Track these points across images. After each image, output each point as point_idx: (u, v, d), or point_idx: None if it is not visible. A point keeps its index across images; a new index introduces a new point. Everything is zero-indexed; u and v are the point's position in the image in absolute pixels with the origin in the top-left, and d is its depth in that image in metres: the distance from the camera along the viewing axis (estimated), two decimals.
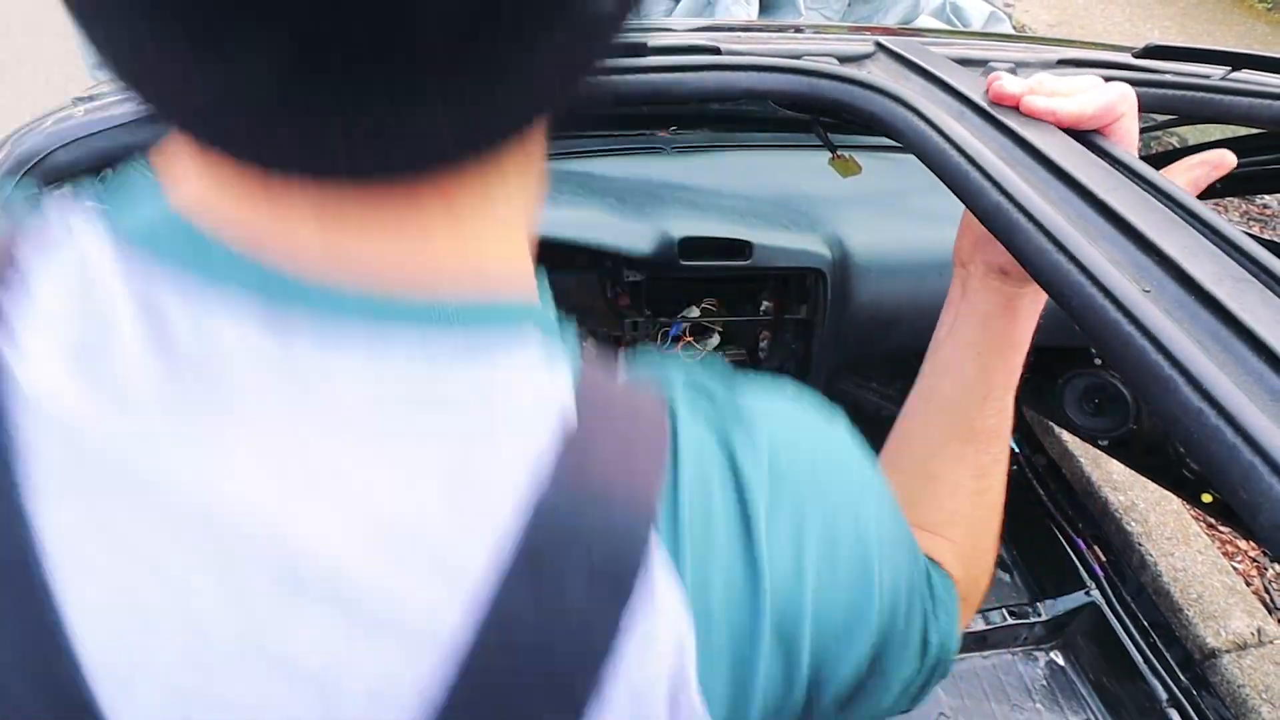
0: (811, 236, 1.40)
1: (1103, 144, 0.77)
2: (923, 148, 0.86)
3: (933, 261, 1.44)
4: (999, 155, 0.77)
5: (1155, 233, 0.63)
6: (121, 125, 0.92)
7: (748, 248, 1.33)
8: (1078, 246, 0.64)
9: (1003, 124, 0.82)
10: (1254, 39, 5.87)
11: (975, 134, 0.82)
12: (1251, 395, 0.50)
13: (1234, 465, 0.48)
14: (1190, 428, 0.51)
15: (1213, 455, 0.50)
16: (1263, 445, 0.47)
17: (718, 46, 1.05)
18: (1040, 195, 0.71)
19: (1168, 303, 0.57)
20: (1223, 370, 0.51)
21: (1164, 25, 6.01)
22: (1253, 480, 0.47)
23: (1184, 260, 0.59)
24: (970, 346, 0.74)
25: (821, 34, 1.40)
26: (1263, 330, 0.52)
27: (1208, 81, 1.09)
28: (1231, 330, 0.54)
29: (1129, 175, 0.72)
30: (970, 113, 0.87)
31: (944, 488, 0.71)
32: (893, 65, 1.04)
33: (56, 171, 0.96)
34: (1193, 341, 0.54)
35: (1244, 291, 0.56)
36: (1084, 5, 6.25)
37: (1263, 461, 0.47)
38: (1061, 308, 0.65)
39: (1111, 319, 0.59)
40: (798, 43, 1.25)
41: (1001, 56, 1.05)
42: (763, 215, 1.39)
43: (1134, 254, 0.63)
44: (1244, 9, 6.30)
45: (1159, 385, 0.54)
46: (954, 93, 0.91)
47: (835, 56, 1.06)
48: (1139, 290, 0.59)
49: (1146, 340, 0.56)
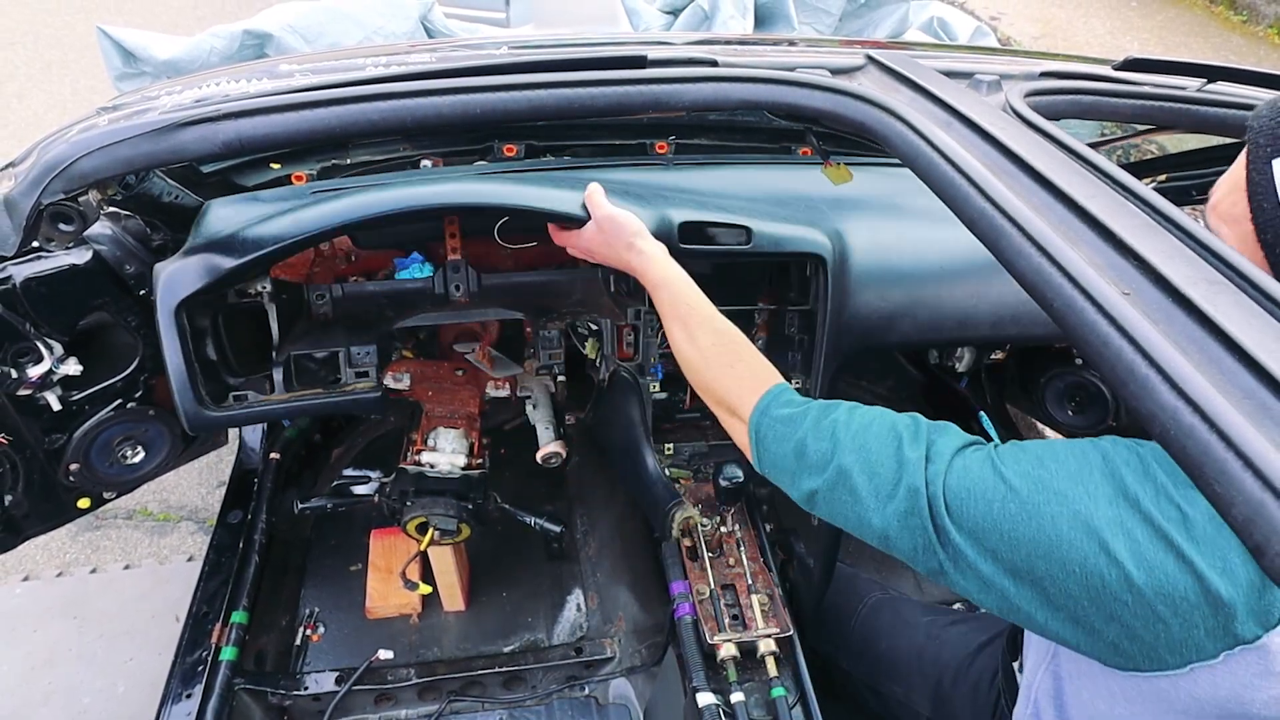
0: (810, 229, 1.37)
1: (1085, 153, 0.77)
2: (911, 156, 0.86)
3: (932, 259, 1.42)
4: (984, 164, 0.77)
5: (1134, 238, 0.63)
6: (144, 134, 0.92)
7: (747, 233, 1.32)
8: (1059, 250, 0.64)
9: (988, 134, 0.82)
10: (1230, 51, 5.87)
11: (962, 143, 0.82)
12: (1226, 394, 0.50)
13: (1208, 461, 0.48)
14: (1167, 425, 0.51)
15: (1188, 452, 0.50)
16: (1236, 442, 0.47)
17: (715, 59, 1.05)
18: (1024, 202, 0.71)
19: (1146, 305, 0.58)
20: (1198, 370, 0.51)
21: (1143, 38, 6.00)
22: (1227, 475, 0.47)
23: (1162, 264, 0.59)
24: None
25: (814, 47, 1.40)
26: (1237, 332, 0.52)
27: (1185, 92, 1.09)
28: (1207, 331, 0.54)
29: (1109, 183, 0.72)
30: (957, 123, 0.87)
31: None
32: (883, 77, 1.05)
33: (81, 178, 0.97)
34: (1170, 342, 0.54)
35: (1219, 294, 0.56)
36: (1066, 19, 6.25)
37: (1236, 457, 0.47)
38: (1043, 309, 0.65)
39: (1091, 320, 0.59)
40: (791, 55, 1.25)
41: (987, 69, 1.05)
42: (762, 211, 1.38)
43: (1114, 258, 0.63)
44: (1220, 22, 6.29)
45: (1137, 384, 0.54)
46: (941, 103, 0.92)
47: (827, 69, 1.06)
48: (1119, 293, 0.59)
49: (1125, 340, 0.56)
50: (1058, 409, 1.81)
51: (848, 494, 0.81)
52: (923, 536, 0.75)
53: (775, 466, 0.91)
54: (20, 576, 2.07)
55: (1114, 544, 0.65)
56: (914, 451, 0.78)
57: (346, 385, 1.32)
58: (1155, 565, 0.64)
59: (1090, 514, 0.67)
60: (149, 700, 1.33)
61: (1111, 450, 0.70)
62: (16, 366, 1.13)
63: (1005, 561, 0.70)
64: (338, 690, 1.44)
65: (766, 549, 1.43)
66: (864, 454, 0.81)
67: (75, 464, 1.24)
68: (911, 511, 0.76)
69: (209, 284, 1.10)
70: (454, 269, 1.40)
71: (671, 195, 1.34)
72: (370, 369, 1.33)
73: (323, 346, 1.32)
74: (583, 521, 1.87)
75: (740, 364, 1.00)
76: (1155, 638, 0.65)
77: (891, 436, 0.81)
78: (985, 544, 0.71)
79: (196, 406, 1.16)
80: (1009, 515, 0.70)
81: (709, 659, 1.27)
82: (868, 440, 0.82)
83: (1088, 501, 0.67)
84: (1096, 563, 0.65)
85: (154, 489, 2.46)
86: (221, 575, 1.52)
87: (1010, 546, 0.70)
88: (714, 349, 1.02)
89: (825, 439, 0.85)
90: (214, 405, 1.19)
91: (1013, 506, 0.70)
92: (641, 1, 3.15)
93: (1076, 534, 0.66)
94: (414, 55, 1.28)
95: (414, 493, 1.38)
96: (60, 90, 4.50)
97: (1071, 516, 0.67)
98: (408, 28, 2.72)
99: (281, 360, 1.29)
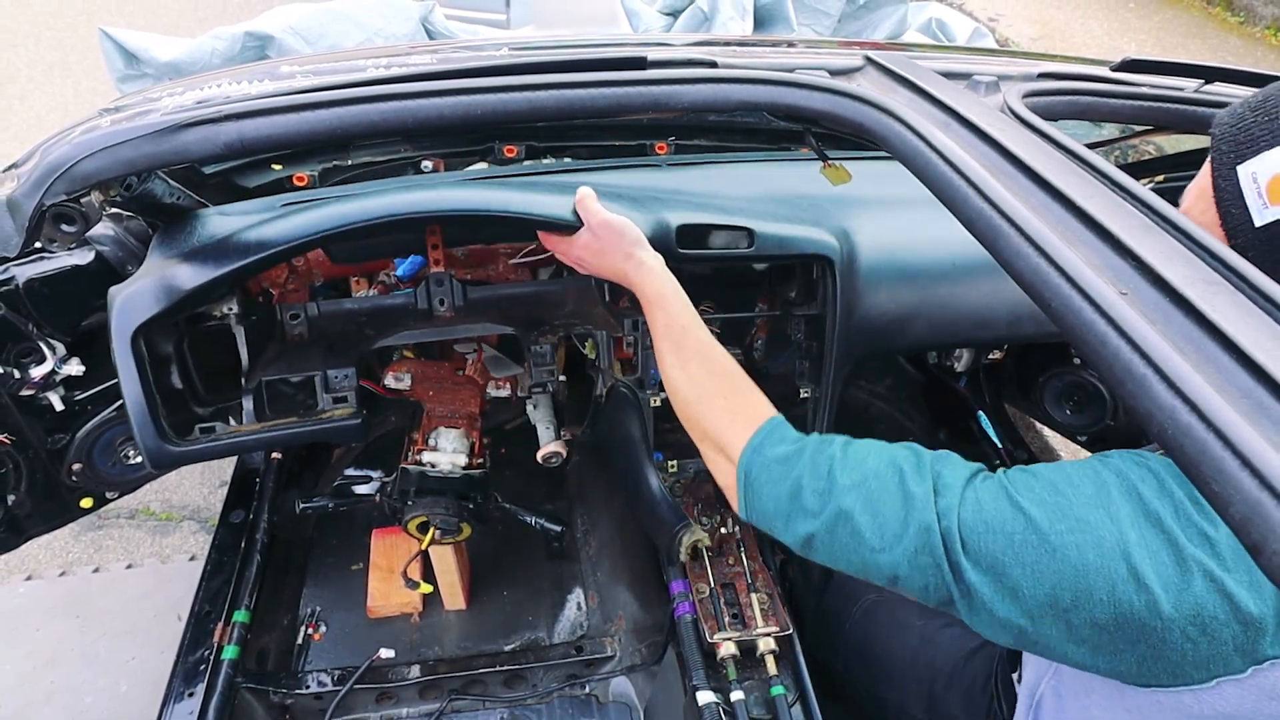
0: (816, 229, 1.30)
1: (1083, 153, 0.77)
2: (910, 157, 0.86)
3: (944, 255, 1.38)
4: (983, 164, 0.77)
5: (1132, 238, 0.62)
6: (146, 135, 0.92)
7: (750, 235, 1.25)
8: (1057, 250, 0.64)
9: (986, 134, 0.82)
10: (1227, 52, 5.87)
11: (960, 144, 0.82)
12: (1223, 393, 0.49)
13: (1206, 460, 0.48)
14: (1164, 424, 0.51)
15: (1186, 450, 0.50)
16: (1233, 440, 0.47)
17: (714, 60, 1.05)
18: (1022, 202, 0.71)
19: (1143, 304, 0.57)
20: (1196, 369, 0.51)
21: (1141, 39, 6.00)
22: (1224, 474, 0.47)
23: (1159, 264, 0.59)
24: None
25: (813, 49, 1.40)
26: (1234, 331, 0.52)
27: (1182, 93, 1.09)
28: (1204, 331, 0.54)
29: (1107, 183, 0.72)
30: (955, 123, 0.87)
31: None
32: (881, 78, 1.05)
33: (83, 179, 0.97)
34: (1167, 342, 0.54)
35: (1216, 294, 0.56)
36: (1064, 20, 6.24)
37: (1233, 456, 0.47)
38: (1041, 309, 0.65)
39: (1089, 319, 0.59)
40: (790, 57, 1.25)
41: (985, 70, 1.05)
42: (764, 211, 1.33)
43: (1111, 258, 0.63)
44: (1217, 23, 6.29)
45: (1134, 383, 0.54)
46: (939, 104, 0.91)
47: (826, 70, 1.06)
48: (1116, 292, 0.59)
49: (1123, 340, 0.56)
50: (1056, 408, 1.81)
51: (850, 536, 0.77)
52: (935, 575, 0.72)
53: (765, 511, 0.86)
54: (23, 576, 2.07)
55: (1141, 569, 0.63)
56: (919, 486, 0.75)
57: (324, 412, 1.23)
58: (1184, 588, 0.62)
59: (1115, 540, 0.65)
60: (151, 699, 1.33)
61: (1124, 467, 0.68)
62: (19, 367, 1.13)
63: (1027, 597, 0.68)
64: (339, 689, 1.44)
65: (766, 548, 1.43)
66: (865, 492, 0.77)
67: (78, 464, 1.24)
68: (922, 550, 0.72)
69: (168, 307, 1.03)
70: (437, 282, 1.34)
71: (668, 198, 1.30)
72: (349, 393, 1.23)
73: (297, 370, 1.23)
74: (583, 521, 1.87)
75: (733, 397, 0.95)
76: (1182, 657, 0.64)
77: (892, 471, 0.77)
78: (1005, 581, 0.68)
79: (158, 442, 1.07)
80: (1030, 547, 0.67)
81: (709, 657, 1.26)
82: (867, 477, 0.78)
83: (1110, 526, 0.65)
84: (1125, 590, 0.63)
85: (156, 489, 2.46)
86: (224, 574, 1.52)
87: (1033, 580, 0.67)
88: (706, 378, 0.96)
89: (821, 478, 0.80)
90: (178, 439, 1.10)
91: (1034, 538, 0.67)
92: (641, 3, 3.15)
93: (1102, 561, 0.64)
94: (415, 57, 1.28)
95: (415, 492, 1.38)
96: (62, 92, 4.50)
97: (1096, 544, 0.65)
98: (408, 29, 2.72)
99: (251, 388, 1.20)
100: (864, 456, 0.80)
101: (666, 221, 1.22)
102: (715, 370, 0.97)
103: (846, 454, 0.81)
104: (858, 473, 0.78)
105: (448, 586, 1.66)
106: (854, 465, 0.79)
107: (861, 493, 0.77)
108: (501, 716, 1.45)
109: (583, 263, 1.13)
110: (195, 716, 1.29)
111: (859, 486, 0.77)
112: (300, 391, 1.25)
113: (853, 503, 0.77)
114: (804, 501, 0.81)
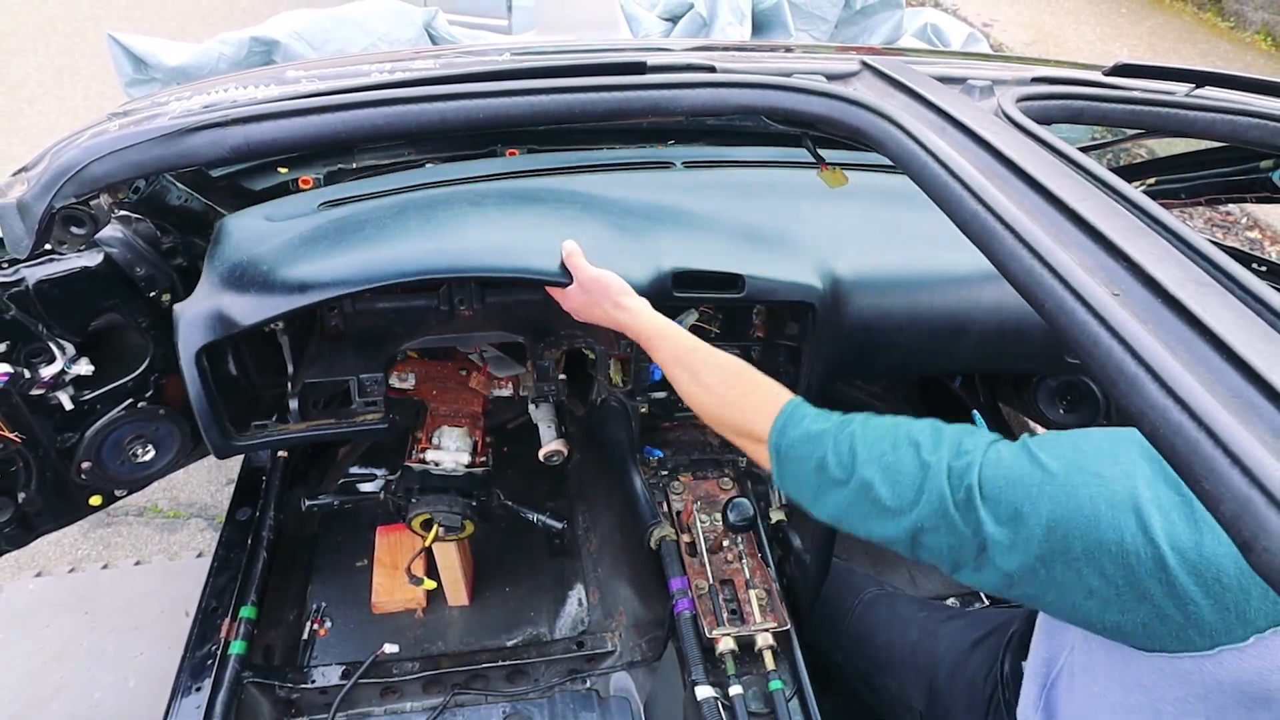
0: (803, 267, 1.36)
1: (1076, 157, 0.77)
2: (905, 160, 0.86)
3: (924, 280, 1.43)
4: (977, 167, 0.77)
5: (1124, 240, 0.63)
6: (154, 139, 0.92)
7: (740, 281, 1.31)
8: (1051, 252, 0.64)
9: (981, 138, 0.82)
10: (1217, 56, 5.87)
11: (955, 147, 0.82)
12: (1213, 392, 0.49)
13: (1197, 459, 0.48)
14: (1155, 423, 0.51)
15: (1177, 449, 0.50)
16: (1224, 439, 0.47)
17: (713, 65, 1.05)
18: (1016, 205, 0.71)
19: (1135, 305, 0.57)
20: (1187, 369, 0.51)
21: (1132, 44, 6.00)
22: (1215, 472, 0.47)
23: (1151, 265, 0.59)
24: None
25: (811, 53, 1.40)
26: (1224, 332, 0.52)
27: (1174, 98, 1.09)
28: (1195, 332, 0.54)
29: (1100, 186, 0.72)
30: (950, 127, 0.87)
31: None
32: (878, 83, 1.05)
33: (92, 182, 0.97)
34: (1159, 342, 0.54)
35: (1207, 295, 0.56)
36: (1057, 25, 6.25)
37: (1224, 454, 0.47)
38: (1035, 310, 0.65)
39: (1082, 320, 0.59)
40: (788, 61, 1.25)
41: (980, 74, 1.05)
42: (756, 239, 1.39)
43: (1104, 260, 0.63)
44: (1208, 28, 6.29)
45: (1126, 382, 0.54)
46: (935, 108, 0.91)
47: (824, 74, 1.06)
48: (1109, 294, 0.59)
49: (1115, 340, 0.56)
50: (1049, 407, 1.81)
51: (871, 505, 0.81)
52: (950, 536, 0.75)
53: (797, 485, 0.91)
54: (33, 572, 2.07)
55: (1152, 523, 0.65)
56: (935, 455, 0.78)
57: (357, 414, 1.34)
58: (1191, 547, 0.64)
59: (1128, 493, 0.67)
60: (159, 694, 1.33)
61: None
62: (29, 367, 1.13)
63: (1041, 546, 0.70)
64: (344, 683, 1.44)
65: (764, 545, 1.43)
66: (884, 463, 0.81)
67: (87, 462, 1.24)
68: (939, 512, 0.75)
69: (225, 336, 1.15)
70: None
71: (663, 233, 1.35)
72: (379, 399, 1.33)
73: (335, 374, 1.33)
74: (584, 518, 1.87)
75: (751, 393, 1.00)
76: (1186, 618, 0.65)
77: (909, 443, 0.81)
78: (1021, 530, 0.71)
79: (222, 438, 1.22)
80: (1047, 497, 0.70)
81: (708, 653, 1.26)
82: (885, 449, 0.82)
83: (1125, 481, 0.67)
84: (1134, 541, 0.65)
85: (164, 486, 2.46)
86: (230, 571, 1.52)
87: (1047, 529, 0.69)
88: (723, 385, 1.02)
89: (844, 453, 0.85)
90: (237, 434, 1.24)
91: (1050, 489, 0.70)
92: (641, 9, 3.16)
93: (1114, 514, 0.66)
94: (418, 61, 1.28)
95: (419, 490, 1.38)
96: (71, 96, 4.50)
97: (1109, 496, 0.67)
98: (412, 34, 2.72)
99: (297, 391, 1.31)
100: (884, 430, 0.85)
101: (663, 269, 1.28)
102: (728, 375, 1.03)
103: (867, 429, 0.86)
104: (879, 446, 0.83)
105: (451, 583, 1.66)
106: (874, 438, 0.84)
107: (881, 464, 0.81)
108: (503, 711, 1.45)
109: (577, 313, 1.22)
110: (202, 711, 1.29)
111: (879, 458, 0.82)
112: (338, 393, 1.38)
113: (874, 474, 0.81)
114: (830, 475, 0.85)
